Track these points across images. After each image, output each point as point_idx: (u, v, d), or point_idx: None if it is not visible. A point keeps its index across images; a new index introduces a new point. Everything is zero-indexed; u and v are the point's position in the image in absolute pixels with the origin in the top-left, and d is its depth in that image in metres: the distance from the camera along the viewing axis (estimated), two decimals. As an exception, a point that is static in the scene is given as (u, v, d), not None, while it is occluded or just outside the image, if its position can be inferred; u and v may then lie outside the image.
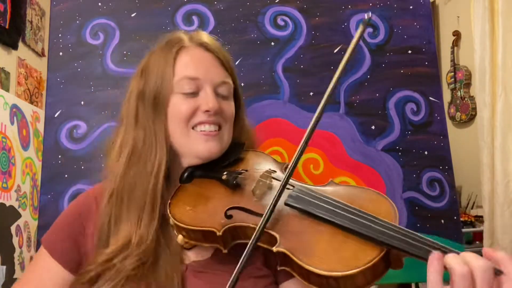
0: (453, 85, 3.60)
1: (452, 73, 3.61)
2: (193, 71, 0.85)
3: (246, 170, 0.85)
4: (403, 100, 1.41)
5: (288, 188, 0.76)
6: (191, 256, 0.83)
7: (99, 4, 1.41)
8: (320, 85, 1.39)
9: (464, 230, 2.98)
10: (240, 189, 0.81)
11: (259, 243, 0.70)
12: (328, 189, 0.77)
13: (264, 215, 0.66)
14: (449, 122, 3.53)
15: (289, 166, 0.70)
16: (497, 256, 0.58)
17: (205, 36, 0.91)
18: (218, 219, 0.75)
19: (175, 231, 0.79)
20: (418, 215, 1.34)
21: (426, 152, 1.38)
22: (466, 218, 3.13)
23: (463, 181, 3.28)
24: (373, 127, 1.38)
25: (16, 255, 2.27)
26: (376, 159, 1.36)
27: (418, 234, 0.62)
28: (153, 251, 0.78)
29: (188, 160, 0.86)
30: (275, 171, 0.84)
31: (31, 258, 2.41)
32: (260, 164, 0.87)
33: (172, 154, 0.87)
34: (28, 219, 2.44)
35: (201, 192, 0.83)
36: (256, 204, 0.76)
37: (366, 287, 0.62)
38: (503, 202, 2.49)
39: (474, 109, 3.38)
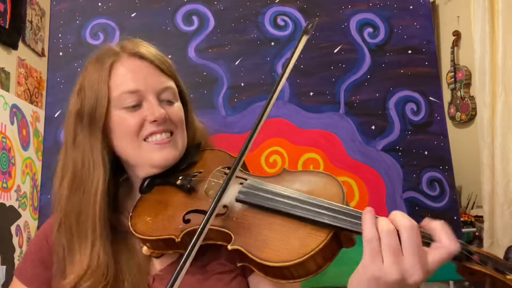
0: (453, 85, 3.60)
1: (452, 73, 3.61)
2: (131, 84, 0.82)
3: (200, 172, 0.85)
4: (403, 100, 1.41)
5: (241, 183, 0.76)
6: (157, 266, 0.83)
7: (99, 4, 1.41)
8: (320, 85, 1.39)
9: (464, 230, 2.98)
10: (195, 191, 0.81)
11: (216, 242, 0.72)
12: (280, 179, 0.78)
13: (208, 211, 0.66)
14: (449, 122, 3.53)
15: (235, 161, 0.70)
16: (431, 225, 0.60)
17: (138, 44, 0.88)
18: (176, 225, 0.75)
19: (140, 243, 0.80)
20: (418, 215, 1.34)
21: (426, 152, 1.38)
22: (466, 218, 3.13)
23: (463, 181, 3.28)
24: (373, 127, 1.38)
25: (16, 255, 2.27)
26: (376, 159, 1.36)
27: (361, 211, 0.64)
28: (114, 270, 0.78)
29: (144, 171, 0.85)
30: (229, 167, 0.82)
31: (31, 258, 2.41)
32: (215, 163, 0.86)
33: (128, 167, 0.87)
34: (28, 219, 2.44)
35: (161, 200, 0.83)
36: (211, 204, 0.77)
37: (320, 270, 0.64)
38: (503, 202, 2.49)
39: (474, 109, 3.38)
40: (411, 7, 1.46)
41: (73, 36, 1.39)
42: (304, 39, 0.77)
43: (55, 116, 1.34)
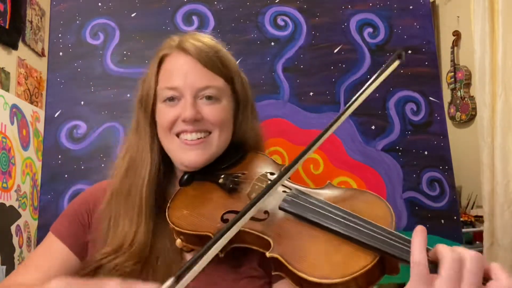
0: (453, 85, 3.60)
1: (452, 73, 3.61)
2: (172, 81, 0.84)
3: (244, 173, 0.84)
4: (403, 100, 1.41)
5: (284, 191, 0.75)
6: (188, 256, 0.83)
7: (99, 4, 1.41)
8: (320, 85, 1.39)
9: (464, 230, 2.98)
10: (236, 192, 0.80)
11: (253, 247, 0.70)
12: (325, 192, 0.76)
13: (242, 210, 0.64)
14: (449, 122, 3.52)
15: (283, 169, 0.69)
16: (489, 265, 0.56)
17: (189, 38, 0.88)
18: (214, 223, 0.74)
19: (174, 235, 0.79)
20: (418, 215, 1.34)
21: (426, 152, 1.38)
22: (466, 218, 3.13)
23: (463, 181, 3.28)
24: (373, 127, 1.38)
25: (16, 255, 2.27)
26: (376, 159, 1.36)
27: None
28: (149, 252, 0.80)
29: (178, 166, 0.88)
30: (274, 173, 0.83)
31: (31, 258, 2.41)
32: (259, 167, 0.86)
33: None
34: (28, 219, 2.44)
35: (199, 195, 0.82)
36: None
37: None
38: (503, 202, 2.49)
39: (474, 109, 3.38)
40: (411, 7, 1.46)
41: (73, 36, 1.39)
42: (395, 64, 0.75)
43: (55, 116, 1.34)
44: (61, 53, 1.38)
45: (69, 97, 1.35)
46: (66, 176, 1.30)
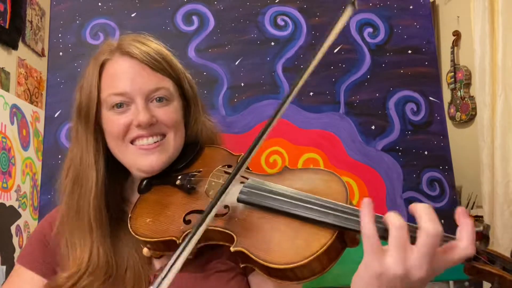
0: (453, 85, 3.60)
1: (452, 73, 3.61)
2: (118, 86, 0.80)
3: (200, 171, 0.83)
4: (403, 100, 1.41)
5: (242, 182, 0.75)
6: (157, 265, 0.82)
7: (99, 4, 1.41)
8: (320, 85, 1.39)
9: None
10: (195, 191, 0.80)
11: (219, 242, 0.71)
12: (281, 177, 0.76)
13: (205, 212, 0.64)
14: (449, 122, 3.52)
15: (239, 160, 0.68)
16: (461, 220, 0.58)
17: (132, 41, 0.85)
18: (177, 226, 0.74)
19: (141, 244, 0.79)
20: (418, 215, 1.34)
21: (426, 152, 1.38)
22: (466, 218, 3.12)
23: (463, 181, 3.28)
24: (373, 127, 1.38)
25: (16, 255, 2.27)
26: (376, 159, 1.36)
27: None
28: (116, 266, 0.79)
29: (135, 173, 0.85)
30: (230, 165, 0.83)
31: (31, 258, 2.41)
32: (215, 161, 0.85)
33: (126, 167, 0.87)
34: (28, 219, 2.44)
35: (160, 200, 0.81)
36: None
37: (324, 271, 0.63)
38: (503, 202, 2.49)
39: (474, 109, 3.38)
40: (411, 7, 1.46)
41: (73, 36, 1.39)
42: (349, 10, 0.73)
43: (55, 116, 1.34)
44: (61, 53, 1.38)
45: (69, 97, 1.34)
46: (66, 176, 1.30)
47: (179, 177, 0.82)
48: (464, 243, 0.55)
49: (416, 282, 0.54)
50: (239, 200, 0.72)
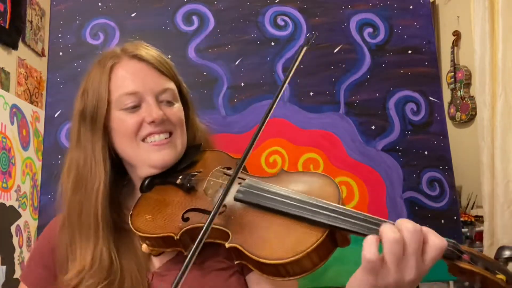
0: (453, 85, 3.60)
1: (452, 73, 3.61)
2: (130, 86, 0.84)
3: (200, 171, 0.87)
4: (403, 100, 1.41)
5: (239, 183, 0.78)
6: (156, 263, 0.85)
7: (99, 4, 1.41)
8: (320, 85, 1.39)
9: (464, 230, 2.98)
10: (194, 190, 0.83)
11: (215, 240, 0.74)
12: (278, 179, 0.80)
13: (211, 213, 0.67)
14: (449, 122, 3.52)
15: (237, 162, 0.73)
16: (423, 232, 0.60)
17: (138, 47, 0.90)
18: (176, 223, 0.77)
19: (140, 241, 0.81)
20: (418, 215, 1.34)
21: (426, 152, 1.38)
22: (466, 218, 3.13)
23: (463, 181, 3.28)
24: (373, 127, 1.38)
25: (16, 255, 2.27)
26: (376, 159, 1.36)
27: (359, 212, 0.65)
28: (116, 267, 0.80)
29: (144, 171, 0.87)
30: (230, 168, 0.86)
31: (31, 258, 2.41)
32: (215, 163, 0.89)
33: (129, 166, 0.90)
34: (28, 219, 2.44)
35: (161, 199, 0.85)
36: (210, 203, 0.79)
37: (315, 268, 0.65)
38: (503, 202, 2.49)
39: (474, 109, 3.38)
40: (411, 7, 1.46)
41: (73, 36, 1.39)
42: (304, 51, 0.83)
43: (55, 116, 1.34)
44: (61, 53, 1.38)
45: (69, 97, 1.35)
46: (66, 176, 1.30)
47: (180, 176, 0.85)
48: (433, 239, 0.59)
49: (407, 285, 0.59)
50: (236, 199, 0.75)
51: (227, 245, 0.70)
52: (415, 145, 1.38)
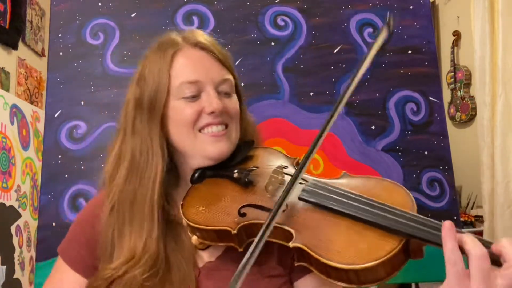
0: (453, 85, 3.60)
1: (452, 73, 3.61)
2: (192, 75, 0.82)
3: (257, 167, 0.84)
4: (403, 100, 1.41)
5: (300, 183, 0.75)
6: (205, 257, 0.82)
7: (99, 4, 1.41)
8: (320, 85, 1.40)
9: (464, 230, 2.97)
10: (252, 186, 0.80)
11: (274, 240, 0.70)
12: (342, 182, 0.76)
13: (273, 210, 0.65)
14: (449, 122, 3.52)
15: (301, 161, 0.69)
16: (501, 244, 0.57)
17: (199, 35, 0.88)
18: (231, 217, 0.74)
19: (189, 232, 0.78)
20: (418, 215, 1.34)
21: (426, 152, 1.38)
22: (466, 218, 3.13)
23: (463, 181, 3.28)
24: (373, 127, 1.38)
25: (16, 255, 2.27)
26: (376, 159, 1.36)
27: (436, 221, 0.61)
28: (162, 259, 0.78)
29: (197, 161, 0.84)
30: (287, 167, 0.83)
31: (31, 258, 2.42)
32: (271, 160, 0.86)
33: (180, 157, 0.87)
34: (28, 219, 2.44)
35: (213, 191, 0.82)
36: (269, 200, 0.76)
37: (387, 279, 0.61)
38: (503, 202, 2.49)
39: (474, 109, 3.38)
40: (411, 7, 1.46)
41: (73, 36, 1.39)
42: (384, 33, 0.76)
43: (55, 116, 1.34)
44: (61, 53, 1.38)
45: (69, 97, 1.35)
46: (66, 176, 1.30)
47: (236, 170, 0.82)
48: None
49: None
50: (300, 198, 0.72)
51: (290, 244, 0.66)
52: (415, 145, 1.38)
